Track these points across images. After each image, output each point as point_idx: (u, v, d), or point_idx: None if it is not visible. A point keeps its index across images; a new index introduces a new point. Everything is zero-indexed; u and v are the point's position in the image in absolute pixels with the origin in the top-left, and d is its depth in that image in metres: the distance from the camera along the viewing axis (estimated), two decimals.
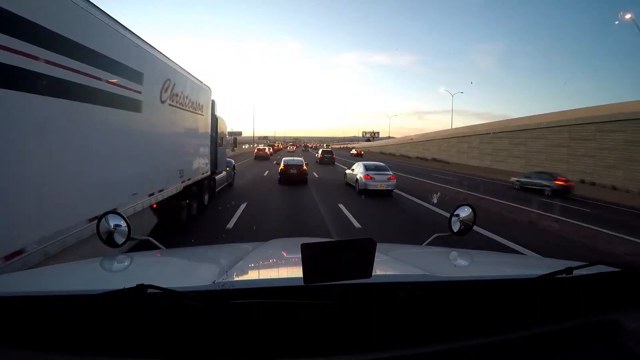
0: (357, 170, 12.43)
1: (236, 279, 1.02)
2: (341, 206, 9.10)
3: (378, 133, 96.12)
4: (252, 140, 58.09)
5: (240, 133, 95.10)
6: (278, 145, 69.93)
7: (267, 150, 35.78)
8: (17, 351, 0.75)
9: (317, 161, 28.14)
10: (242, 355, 0.77)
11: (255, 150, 34.44)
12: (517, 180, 17.12)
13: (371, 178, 11.47)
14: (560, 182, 15.10)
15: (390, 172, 12.07)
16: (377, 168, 12.13)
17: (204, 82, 7.67)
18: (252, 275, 1.26)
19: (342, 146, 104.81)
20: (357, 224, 7.27)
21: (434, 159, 39.54)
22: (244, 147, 54.35)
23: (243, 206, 8.69)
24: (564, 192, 14.57)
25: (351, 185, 12.90)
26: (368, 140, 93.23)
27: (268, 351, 0.77)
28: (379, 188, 11.32)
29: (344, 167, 17.06)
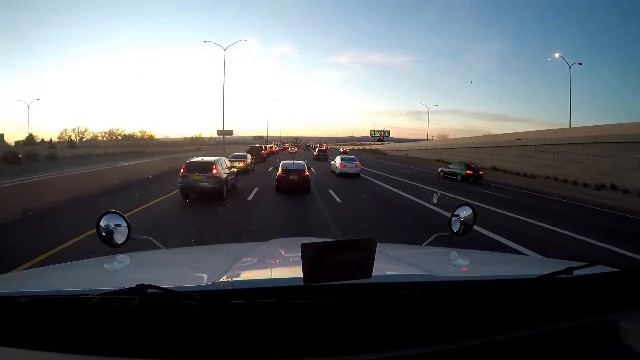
0: (337, 161, 19.16)
1: (236, 279, 1.02)
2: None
3: (388, 132, 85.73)
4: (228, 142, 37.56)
5: (231, 132, 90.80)
6: (272, 148, 45.90)
7: (216, 167, 10.00)
8: (17, 351, 0.75)
9: (314, 158, 35.64)
10: (241, 356, 0.77)
11: (182, 171, 9.99)
12: None
13: (344, 165, 18.16)
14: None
15: (357, 161, 18.79)
16: (349, 160, 19.06)
17: None
18: (252, 275, 1.27)
19: (357, 148, 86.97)
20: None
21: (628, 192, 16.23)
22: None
23: None
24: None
25: (333, 172, 19.07)
26: (380, 140, 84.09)
27: (268, 351, 0.77)
28: (349, 172, 18.00)
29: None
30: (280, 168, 12.30)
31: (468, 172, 19.36)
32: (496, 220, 8.72)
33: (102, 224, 1.56)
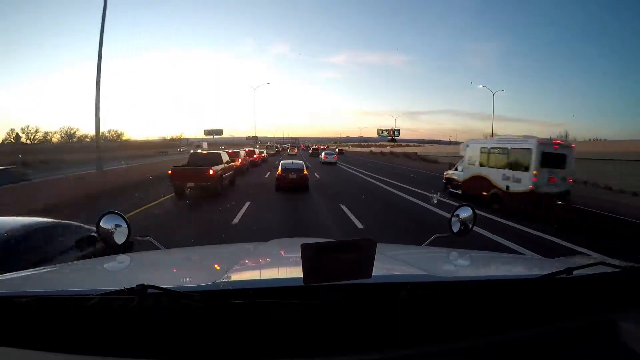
0: (322, 154, 32.99)
1: (236, 279, 1.02)
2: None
3: (398, 131, 75.30)
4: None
5: (220, 132, 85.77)
6: (255, 154, 30.72)
7: None
8: (17, 351, 0.75)
9: (309, 155, 49.54)
10: (241, 356, 0.77)
11: None
12: None
13: (326, 157, 31.21)
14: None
15: (335, 154, 34.10)
16: (329, 154, 32.47)
17: None
18: (252, 275, 1.27)
19: (379, 150, 73.96)
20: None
21: None
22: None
23: None
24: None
25: (320, 162, 30.70)
26: (392, 140, 74.64)
27: (268, 351, 0.77)
28: (329, 160, 30.27)
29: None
30: (279, 167, 12.28)
31: None
32: None
33: (102, 224, 1.56)
